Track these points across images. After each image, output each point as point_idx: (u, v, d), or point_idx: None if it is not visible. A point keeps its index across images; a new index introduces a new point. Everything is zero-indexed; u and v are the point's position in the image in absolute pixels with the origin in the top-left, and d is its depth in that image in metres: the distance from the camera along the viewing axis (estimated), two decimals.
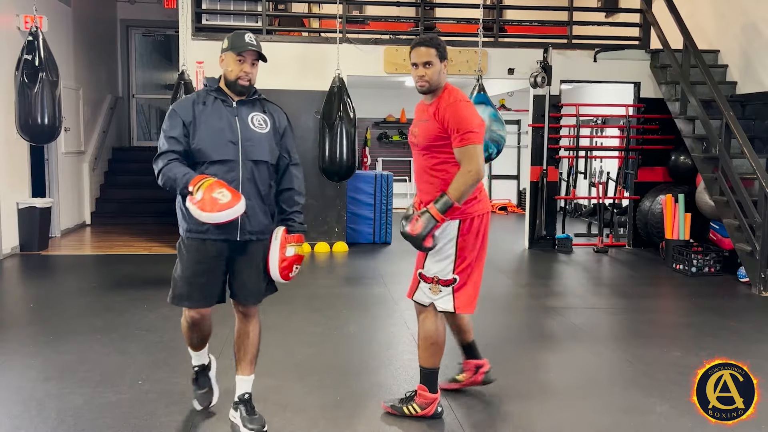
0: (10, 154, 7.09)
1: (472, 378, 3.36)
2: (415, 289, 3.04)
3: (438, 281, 2.95)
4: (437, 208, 2.80)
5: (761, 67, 7.01)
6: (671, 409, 3.21)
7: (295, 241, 2.88)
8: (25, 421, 2.98)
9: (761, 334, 4.58)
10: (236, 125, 2.77)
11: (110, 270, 6.39)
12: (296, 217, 2.95)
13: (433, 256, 2.94)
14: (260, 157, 2.80)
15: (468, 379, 3.36)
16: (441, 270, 2.94)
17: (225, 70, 2.81)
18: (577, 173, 8.94)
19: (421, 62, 2.91)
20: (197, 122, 2.74)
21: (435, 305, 2.98)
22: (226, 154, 2.74)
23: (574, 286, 6.30)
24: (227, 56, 2.80)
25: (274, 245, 2.84)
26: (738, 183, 5.99)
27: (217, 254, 2.78)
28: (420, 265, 3.01)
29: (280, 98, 7.35)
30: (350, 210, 7.89)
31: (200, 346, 3.02)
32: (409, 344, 4.16)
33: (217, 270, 2.80)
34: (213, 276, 2.80)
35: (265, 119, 2.86)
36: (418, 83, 2.94)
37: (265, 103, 2.94)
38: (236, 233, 2.76)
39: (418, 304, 3.04)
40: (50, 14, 7.28)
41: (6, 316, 4.90)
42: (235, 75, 2.77)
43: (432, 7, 9.57)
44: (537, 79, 7.52)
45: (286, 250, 2.83)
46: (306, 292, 5.51)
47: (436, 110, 2.90)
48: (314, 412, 3.13)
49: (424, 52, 2.91)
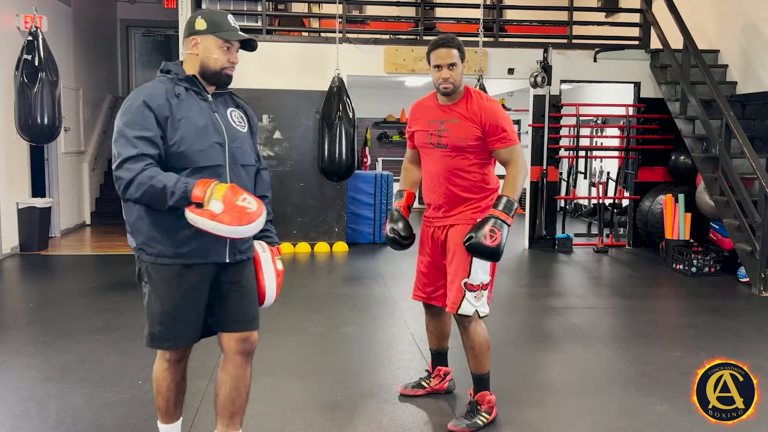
0: (10, 154, 7.09)
1: (439, 385, 3.33)
2: (460, 302, 2.89)
3: (482, 286, 2.91)
4: (505, 212, 2.76)
5: (761, 67, 7.01)
6: (671, 409, 3.21)
7: (278, 254, 2.52)
8: (25, 421, 2.98)
9: (761, 334, 4.58)
10: (219, 123, 2.31)
11: (110, 270, 6.39)
12: (272, 228, 2.54)
13: (477, 261, 2.86)
14: (247, 161, 2.39)
15: (435, 385, 3.33)
16: (485, 275, 2.91)
17: (204, 56, 2.29)
18: (577, 173, 8.94)
19: (445, 64, 2.85)
20: (174, 119, 2.21)
21: (478, 312, 2.93)
22: (214, 159, 2.26)
23: (574, 286, 6.30)
24: (207, 41, 2.29)
25: (266, 263, 2.43)
26: (738, 183, 5.99)
27: (200, 280, 2.29)
28: (464, 274, 2.88)
29: (279, 98, 7.49)
30: (350, 210, 7.89)
31: (176, 412, 2.51)
32: (409, 344, 4.16)
33: (202, 299, 2.32)
34: (199, 307, 2.32)
35: (242, 116, 2.44)
36: (443, 85, 2.87)
37: (235, 97, 2.49)
38: (225, 253, 2.30)
39: (463, 316, 2.92)
40: (50, 14, 7.28)
41: (6, 316, 4.90)
42: (221, 65, 2.30)
43: (432, 7, 9.57)
44: (537, 79, 7.52)
45: (277, 265, 2.46)
46: (306, 292, 5.51)
47: (467, 111, 2.88)
48: (314, 412, 3.13)
49: (447, 53, 2.86)
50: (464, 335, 2.96)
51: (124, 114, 2.19)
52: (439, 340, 3.30)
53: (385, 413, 3.13)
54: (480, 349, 2.95)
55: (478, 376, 3.02)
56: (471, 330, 2.94)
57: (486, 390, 3.02)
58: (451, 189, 2.92)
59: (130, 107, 2.20)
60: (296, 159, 7.57)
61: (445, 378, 3.35)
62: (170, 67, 2.33)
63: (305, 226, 7.65)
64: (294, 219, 7.59)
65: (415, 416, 3.12)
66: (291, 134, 7.55)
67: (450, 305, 2.94)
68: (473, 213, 2.92)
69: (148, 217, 2.24)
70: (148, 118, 2.17)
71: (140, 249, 2.28)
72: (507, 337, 4.49)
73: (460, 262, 2.89)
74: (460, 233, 2.88)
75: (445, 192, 2.94)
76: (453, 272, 2.93)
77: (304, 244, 7.56)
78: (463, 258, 2.88)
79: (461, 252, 2.87)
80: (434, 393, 3.33)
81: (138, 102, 2.19)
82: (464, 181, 2.91)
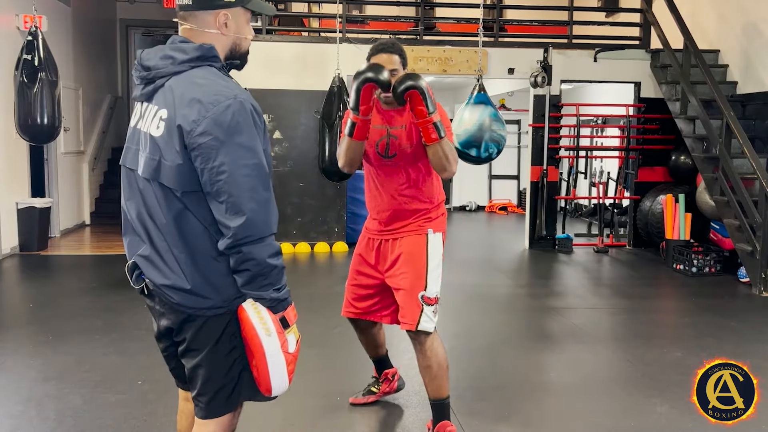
0: (10, 154, 7.09)
1: (389, 387, 3.26)
2: (419, 318, 2.67)
3: (437, 299, 2.71)
4: (435, 121, 2.51)
5: (762, 67, 7.00)
6: (671, 409, 3.20)
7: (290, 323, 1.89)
8: (24, 422, 2.98)
9: (761, 334, 4.58)
10: None
11: (110, 270, 6.38)
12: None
13: (432, 273, 2.70)
14: None
15: (385, 389, 3.26)
16: (438, 286, 2.73)
17: (237, 37, 1.80)
18: (578, 173, 8.94)
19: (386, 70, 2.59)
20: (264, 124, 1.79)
21: (435, 328, 2.72)
22: None
23: (574, 286, 6.29)
24: (238, 15, 1.79)
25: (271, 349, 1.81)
26: (738, 183, 5.98)
27: None
28: (420, 287, 2.68)
29: (280, 98, 7.48)
30: (350, 210, 7.88)
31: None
32: (409, 344, 4.13)
33: None
34: None
35: None
36: (382, 94, 2.61)
37: None
38: None
39: (420, 332, 2.70)
40: (50, 14, 7.27)
41: (5, 316, 4.89)
42: (248, 45, 1.87)
43: (432, 6, 9.57)
44: (537, 79, 7.52)
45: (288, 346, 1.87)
46: (306, 292, 5.51)
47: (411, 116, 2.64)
48: (314, 412, 3.13)
49: (388, 59, 2.64)
50: (420, 354, 2.72)
51: (250, 127, 1.68)
52: (375, 349, 3.17)
53: (385, 413, 3.13)
54: (439, 369, 2.70)
55: (438, 402, 2.76)
56: (428, 348, 2.69)
57: (446, 419, 2.76)
58: (400, 200, 2.74)
59: (248, 117, 1.68)
60: (296, 159, 7.57)
61: (393, 379, 3.27)
62: (205, 51, 1.74)
63: (305, 226, 7.65)
64: (294, 219, 7.59)
65: (415, 416, 3.12)
66: (291, 134, 7.56)
67: (407, 323, 2.70)
68: (424, 222, 2.77)
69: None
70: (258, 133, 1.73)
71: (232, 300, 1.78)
72: (507, 337, 4.49)
73: (415, 273, 2.70)
74: (412, 243, 2.73)
75: (394, 204, 2.76)
76: (408, 285, 2.70)
77: (304, 244, 7.56)
78: (417, 268, 2.70)
79: (414, 262, 2.71)
80: (387, 395, 3.27)
81: (250, 108, 1.71)
82: (413, 191, 2.74)
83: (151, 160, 1.71)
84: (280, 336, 1.75)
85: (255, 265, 1.68)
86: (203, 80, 1.69)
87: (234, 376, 1.80)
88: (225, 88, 1.68)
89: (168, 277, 1.74)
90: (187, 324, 1.78)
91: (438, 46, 7.73)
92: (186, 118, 1.64)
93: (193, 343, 1.79)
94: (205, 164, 1.64)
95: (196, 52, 1.72)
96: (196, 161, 1.65)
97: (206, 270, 1.73)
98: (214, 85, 1.68)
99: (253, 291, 1.71)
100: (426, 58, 7.53)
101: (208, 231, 1.71)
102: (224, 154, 1.63)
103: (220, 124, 1.63)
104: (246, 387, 1.82)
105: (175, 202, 1.71)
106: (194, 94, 1.66)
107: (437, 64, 7.64)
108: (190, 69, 1.71)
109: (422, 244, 2.74)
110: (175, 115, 1.66)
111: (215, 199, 1.65)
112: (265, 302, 1.73)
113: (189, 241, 1.72)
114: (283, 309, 1.77)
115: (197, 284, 1.73)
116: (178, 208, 1.71)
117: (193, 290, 1.73)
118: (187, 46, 1.73)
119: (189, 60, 1.71)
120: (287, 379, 1.79)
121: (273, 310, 1.75)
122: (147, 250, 1.77)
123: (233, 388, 1.81)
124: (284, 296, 1.76)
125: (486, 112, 6.21)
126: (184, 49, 1.73)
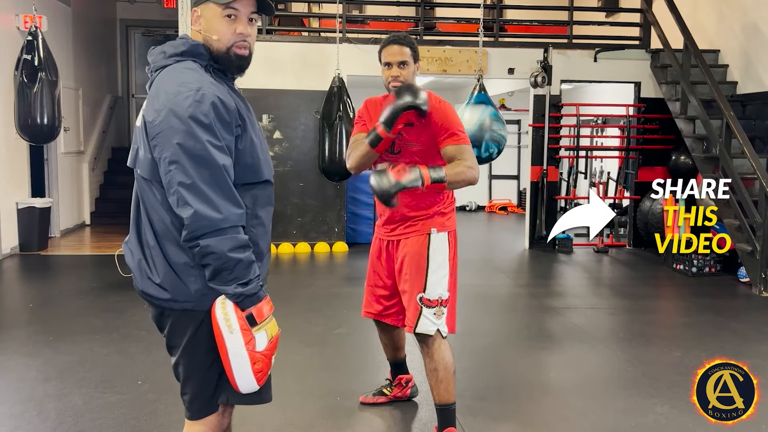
0: (10, 154, 7.09)
1: (401, 393, 3.24)
2: (417, 320, 2.66)
3: (441, 302, 2.68)
4: (430, 174, 2.45)
5: (762, 67, 7.00)
6: (671, 409, 3.20)
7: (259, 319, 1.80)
8: (24, 422, 2.97)
9: (761, 334, 4.58)
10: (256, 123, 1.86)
11: (110, 270, 6.37)
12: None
13: (433, 275, 2.68)
14: None
15: (396, 393, 3.24)
16: (443, 289, 2.69)
17: (206, 35, 1.74)
18: (578, 173, 8.93)
19: (396, 62, 2.64)
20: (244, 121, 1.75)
21: (440, 331, 2.67)
22: (271, 169, 1.85)
23: (574, 286, 6.29)
24: (207, 10, 1.73)
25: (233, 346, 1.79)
26: (738, 183, 5.98)
27: None
28: (419, 288, 2.67)
29: (280, 98, 7.49)
30: (350, 210, 7.88)
31: None
32: (409, 344, 4.14)
33: None
34: None
35: None
36: (392, 84, 2.64)
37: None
38: None
39: (423, 335, 2.68)
40: (50, 14, 7.28)
41: (5, 316, 4.89)
42: (227, 42, 1.73)
43: (432, 6, 9.57)
44: (537, 79, 7.52)
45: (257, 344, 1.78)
46: (306, 292, 5.51)
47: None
48: (314, 412, 3.13)
49: (398, 51, 2.64)
50: (426, 357, 2.69)
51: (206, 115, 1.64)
52: (394, 351, 3.16)
53: (385, 413, 3.13)
54: (445, 372, 2.66)
55: (444, 407, 2.71)
56: (434, 350, 2.66)
57: (452, 426, 2.71)
58: (411, 198, 2.71)
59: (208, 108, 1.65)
60: (296, 159, 7.57)
61: (407, 385, 3.25)
62: (190, 47, 1.75)
63: (305, 226, 7.64)
64: (294, 219, 7.59)
65: (415, 416, 3.11)
66: (291, 134, 7.56)
67: (407, 325, 2.71)
68: (427, 221, 2.74)
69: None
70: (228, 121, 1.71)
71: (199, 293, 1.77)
72: (507, 336, 4.49)
73: (414, 274, 2.69)
74: (413, 244, 2.73)
75: (405, 201, 2.71)
76: (408, 288, 2.71)
77: (304, 244, 7.56)
78: (417, 270, 2.69)
79: (415, 263, 2.70)
80: (398, 400, 3.25)
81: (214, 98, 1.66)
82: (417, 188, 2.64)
83: (133, 150, 1.79)
84: (245, 333, 1.68)
85: (216, 258, 1.62)
86: (178, 72, 1.70)
87: (213, 376, 1.78)
88: (192, 81, 1.66)
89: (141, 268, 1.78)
90: (163, 318, 1.80)
91: (438, 46, 7.73)
92: (150, 109, 1.68)
93: (171, 340, 1.80)
94: (160, 154, 1.64)
95: (183, 47, 1.75)
96: (154, 151, 1.66)
97: (174, 264, 1.73)
98: (183, 76, 1.68)
99: (218, 286, 1.67)
100: (426, 58, 7.52)
101: (175, 223, 1.70)
102: (176, 145, 1.61)
103: (177, 114, 1.62)
104: (229, 389, 1.79)
105: (149, 194, 1.73)
106: (163, 86, 1.68)
107: (437, 64, 7.64)
108: (175, 63, 1.74)
109: (423, 245, 2.73)
110: (146, 106, 1.71)
111: (168, 190, 1.65)
112: (230, 297, 1.68)
113: (158, 233, 1.73)
114: (252, 304, 1.69)
115: (166, 278, 1.73)
116: (151, 199, 1.73)
117: (162, 284, 1.73)
118: (178, 42, 1.77)
119: (175, 54, 1.74)
120: (253, 378, 1.72)
121: (240, 305, 1.68)
122: (130, 238, 1.82)
123: (214, 388, 1.80)
124: (251, 291, 1.68)
125: (486, 112, 6.23)
126: (175, 44, 1.77)
